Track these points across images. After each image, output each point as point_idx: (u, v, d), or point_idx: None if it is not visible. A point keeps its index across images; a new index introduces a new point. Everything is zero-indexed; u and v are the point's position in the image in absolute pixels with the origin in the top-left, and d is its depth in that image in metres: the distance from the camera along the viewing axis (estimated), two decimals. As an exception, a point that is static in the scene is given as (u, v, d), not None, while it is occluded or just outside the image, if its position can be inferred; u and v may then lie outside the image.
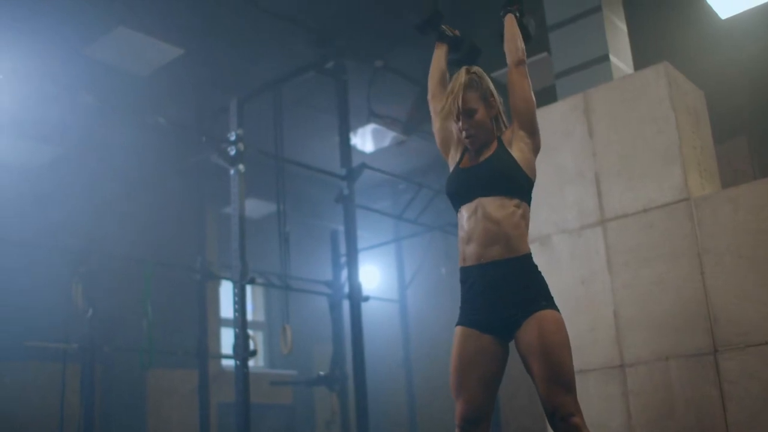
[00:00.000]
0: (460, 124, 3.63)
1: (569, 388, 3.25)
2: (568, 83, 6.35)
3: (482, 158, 3.63)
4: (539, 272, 3.53)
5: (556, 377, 3.24)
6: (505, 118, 3.73)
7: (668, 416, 5.07)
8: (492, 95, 3.67)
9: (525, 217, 3.53)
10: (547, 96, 6.65)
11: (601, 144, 5.70)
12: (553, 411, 3.21)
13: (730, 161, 8.89)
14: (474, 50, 4.16)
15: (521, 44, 3.72)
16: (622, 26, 6.69)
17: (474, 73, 3.67)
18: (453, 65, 4.02)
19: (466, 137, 3.65)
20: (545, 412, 3.25)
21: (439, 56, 4.05)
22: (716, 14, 8.35)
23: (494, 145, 3.64)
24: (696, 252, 5.11)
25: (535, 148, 3.64)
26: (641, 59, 6.67)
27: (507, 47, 3.74)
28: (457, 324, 3.51)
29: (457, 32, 4.13)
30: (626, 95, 5.67)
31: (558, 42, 6.65)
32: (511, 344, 3.46)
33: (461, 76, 3.66)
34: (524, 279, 3.43)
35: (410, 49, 8.55)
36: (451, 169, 3.81)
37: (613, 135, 5.66)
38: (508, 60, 3.72)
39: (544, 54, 8.16)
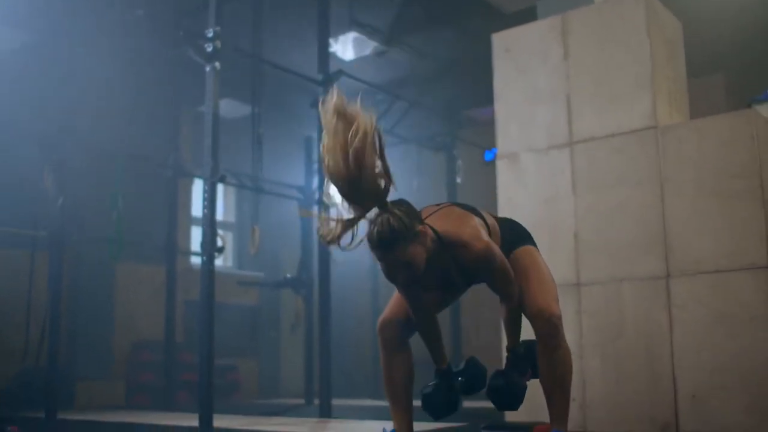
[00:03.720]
0: None
1: (554, 296, 3.41)
2: (549, 4, 6.33)
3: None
4: (516, 221, 3.69)
5: (542, 284, 3.40)
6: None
7: (617, 336, 5.26)
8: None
9: None
10: (529, 17, 6.63)
11: (576, 67, 5.75)
12: (538, 312, 3.33)
13: (706, 96, 8.92)
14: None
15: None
16: (609, -50, 6.65)
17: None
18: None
19: None
20: (530, 316, 3.37)
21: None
22: (705, -56, 8.31)
23: None
24: (659, 180, 5.23)
25: None
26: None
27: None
28: None
29: None
30: (604, 20, 5.70)
31: (544, -39, 6.61)
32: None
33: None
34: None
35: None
36: None
37: (588, 59, 5.71)
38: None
39: (530, -27, 8.09)
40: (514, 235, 3.55)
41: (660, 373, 5.06)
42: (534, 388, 3.53)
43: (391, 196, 2.97)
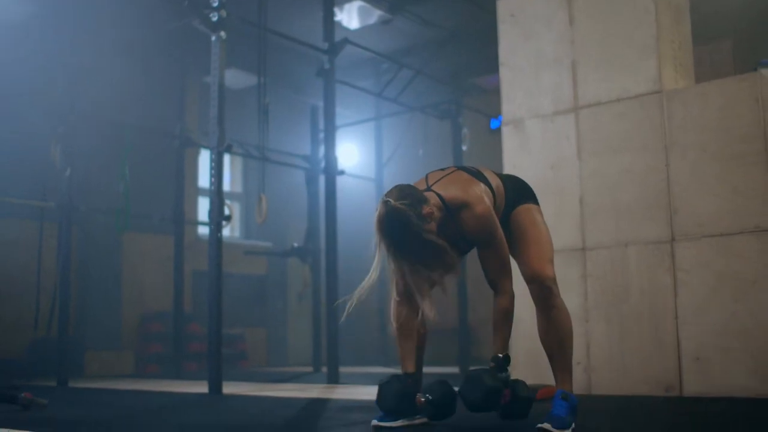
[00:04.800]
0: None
1: (549, 257, 3.50)
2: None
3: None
4: (519, 178, 3.75)
5: (538, 246, 3.50)
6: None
7: (623, 299, 5.30)
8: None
9: None
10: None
11: (581, 32, 5.74)
12: (532, 276, 3.44)
13: (713, 63, 8.87)
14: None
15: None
16: None
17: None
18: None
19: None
20: (528, 279, 3.47)
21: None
22: None
23: None
24: (663, 144, 5.24)
25: None
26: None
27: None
28: None
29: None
30: (609, -16, 5.68)
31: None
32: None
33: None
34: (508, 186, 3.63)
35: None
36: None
37: (593, 24, 5.70)
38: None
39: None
40: (517, 192, 3.62)
41: (664, 336, 5.10)
42: (538, 350, 3.58)
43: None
